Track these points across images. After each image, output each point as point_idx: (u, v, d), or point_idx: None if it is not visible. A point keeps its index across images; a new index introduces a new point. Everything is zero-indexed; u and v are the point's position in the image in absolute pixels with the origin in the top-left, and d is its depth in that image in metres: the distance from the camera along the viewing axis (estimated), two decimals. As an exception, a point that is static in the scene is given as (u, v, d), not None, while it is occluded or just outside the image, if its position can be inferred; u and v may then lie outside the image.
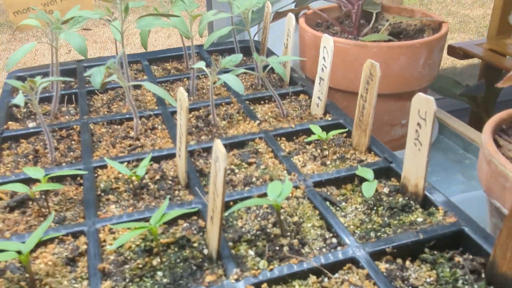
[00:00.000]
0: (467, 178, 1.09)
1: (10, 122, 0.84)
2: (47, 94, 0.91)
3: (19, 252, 0.50)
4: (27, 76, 1.02)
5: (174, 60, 1.11)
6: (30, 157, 0.75)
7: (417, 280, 0.51)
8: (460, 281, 0.51)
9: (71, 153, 0.76)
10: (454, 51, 1.36)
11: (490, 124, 0.75)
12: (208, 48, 1.12)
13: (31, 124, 0.84)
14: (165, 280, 0.51)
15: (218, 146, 0.48)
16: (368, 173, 0.61)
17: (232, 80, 0.76)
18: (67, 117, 0.86)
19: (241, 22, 1.11)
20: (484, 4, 4.16)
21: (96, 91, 0.94)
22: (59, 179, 0.68)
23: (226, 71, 0.80)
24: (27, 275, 0.53)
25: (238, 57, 0.80)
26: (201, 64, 0.79)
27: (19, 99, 0.67)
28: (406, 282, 0.51)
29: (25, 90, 0.69)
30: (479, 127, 1.22)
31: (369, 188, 0.58)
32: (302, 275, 0.51)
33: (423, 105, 0.58)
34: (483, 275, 0.51)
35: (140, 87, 0.97)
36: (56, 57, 0.85)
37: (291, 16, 0.93)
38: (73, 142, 0.79)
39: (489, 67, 1.39)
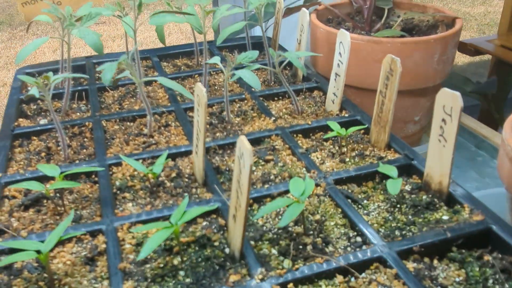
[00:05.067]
0: (481, 175, 1.08)
1: (20, 119, 0.83)
2: (57, 91, 0.90)
3: (38, 252, 0.49)
4: (36, 73, 1.01)
5: (184, 56, 1.09)
6: (43, 154, 0.74)
7: (446, 280, 0.50)
8: (491, 281, 0.50)
9: (84, 150, 0.75)
10: (465, 48, 1.35)
11: (510, 121, 0.74)
12: (218, 44, 1.10)
13: (42, 121, 0.82)
14: (187, 280, 0.50)
15: (243, 142, 0.47)
16: (392, 170, 0.60)
17: (248, 75, 0.74)
18: (78, 114, 0.85)
19: (252, 17, 1.10)
20: (485, 2, 4.14)
21: (107, 87, 0.92)
22: (73, 177, 0.67)
23: (239, 67, 0.79)
24: (45, 274, 0.52)
25: (254, 53, 0.79)
26: (216, 60, 0.78)
27: (34, 90, 0.65)
28: (434, 281, 0.50)
29: (38, 86, 0.68)
30: (489, 124, 1.21)
31: (394, 185, 0.57)
32: (329, 275, 0.50)
33: (449, 101, 0.57)
34: (513, 275, 0.50)
35: (151, 83, 0.95)
36: (68, 53, 0.83)
37: (305, 11, 0.91)
38: (85, 139, 0.78)
39: (500, 63, 1.38)
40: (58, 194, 0.64)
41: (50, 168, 0.62)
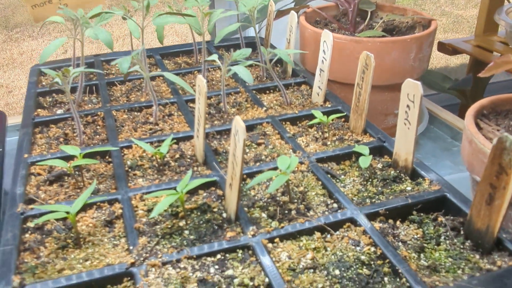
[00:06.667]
0: (455, 163, 1.18)
1: (38, 110, 0.93)
2: (70, 85, 1.00)
3: (67, 213, 0.59)
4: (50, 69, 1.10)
5: (184, 54, 1.19)
6: (61, 139, 0.83)
7: (406, 237, 0.60)
8: (443, 237, 0.60)
9: (97, 136, 0.84)
10: (444, 47, 1.46)
11: (472, 110, 0.84)
12: (215, 44, 1.20)
13: (59, 111, 0.92)
14: (191, 237, 0.60)
15: (237, 121, 0.57)
16: (364, 149, 0.70)
17: (242, 70, 0.85)
18: (90, 105, 0.95)
19: (246, 19, 1.20)
20: (478, 5, 4.25)
21: (115, 82, 1.02)
22: (90, 157, 0.76)
23: (234, 64, 0.89)
24: (71, 234, 0.61)
25: (247, 50, 0.89)
26: (214, 57, 0.88)
27: (58, 79, 0.75)
28: (396, 238, 0.60)
29: (60, 78, 0.78)
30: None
31: (365, 161, 0.67)
32: (308, 232, 0.60)
33: (411, 89, 0.67)
34: (462, 232, 0.60)
35: (155, 78, 1.05)
36: (82, 50, 0.93)
37: (293, 13, 1.02)
38: (98, 127, 0.87)
39: (476, 62, 1.49)
40: (77, 172, 0.74)
41: (72, 148, 0.72)
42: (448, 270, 0.55)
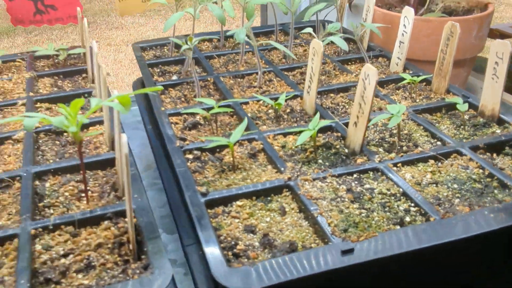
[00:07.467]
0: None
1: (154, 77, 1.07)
2: (167, 59, 1.14)
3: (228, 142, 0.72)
4: (148, 47, 1.25)
5: (263, 35, 1.33)
6: (182, 99, 0.97)
7: (503, 165, 0.72)
8: (534, 165, 0.72)
9: (211, 97, 0.98)
10: (492, 32, 1.58)
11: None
12: (289, 27, 1.34)
13: (174, 77, 1.06)
14: (326, 163, 0.73)
15: (368, 67, 0.70)
16: (458, 99, 0.83)
17: (338, 40, 0.98)
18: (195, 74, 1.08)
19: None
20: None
21: (214, 55, 1.16)
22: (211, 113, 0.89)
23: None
24: (224, 164, 0.75)
25: (337, 24, 1.02)
26: (309, 30, 1.01)
27: (185, 46, 0.89)
28: (495, 166, 0.72)
29: (185, 45, 0.91)
30: None
31: (463, 107, 0.80)
32: (423, 160, 0.73)
33: (500, 48, 0.80)
34: (550, 161, 0.73)
35: (246, 53, 1.19)
36: (193, 26, 1.07)
37: (371, -5, 1.15)
38: (210, 90, 1.01)
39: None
40: (207, 122, 0.87)
41: (209, 100, 0.85)
42: (545, 186, 0.67)
